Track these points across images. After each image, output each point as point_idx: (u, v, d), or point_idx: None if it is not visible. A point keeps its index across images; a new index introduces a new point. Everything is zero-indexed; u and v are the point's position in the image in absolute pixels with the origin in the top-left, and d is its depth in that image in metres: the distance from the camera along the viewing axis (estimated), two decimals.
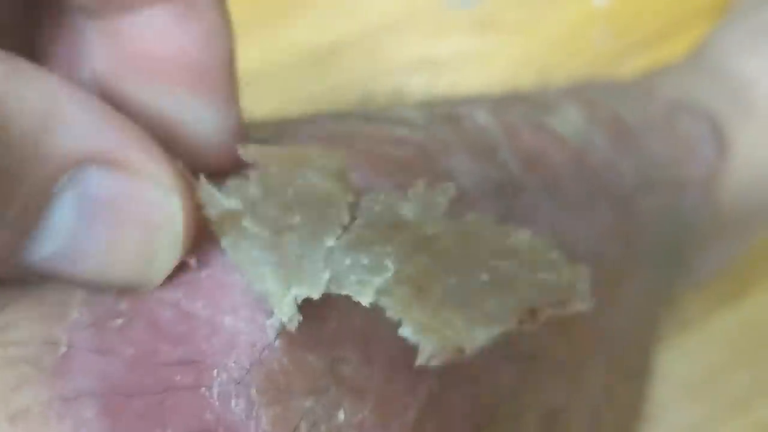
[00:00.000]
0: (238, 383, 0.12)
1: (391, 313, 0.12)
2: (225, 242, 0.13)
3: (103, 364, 0.12)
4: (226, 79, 0.14)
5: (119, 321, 0.12)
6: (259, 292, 0.13)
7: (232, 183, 0.13)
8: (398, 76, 0.40)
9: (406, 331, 0.12)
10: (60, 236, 0.12)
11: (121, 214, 0.12)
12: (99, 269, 0.12)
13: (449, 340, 0.12)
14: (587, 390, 0.23)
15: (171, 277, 0.13)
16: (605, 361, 0.24)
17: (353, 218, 0.13)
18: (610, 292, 0.24)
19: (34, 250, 0.12)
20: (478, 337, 0.12)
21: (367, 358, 0.14)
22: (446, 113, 0.23)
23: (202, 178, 0.13)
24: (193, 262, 0.13)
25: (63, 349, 0.12)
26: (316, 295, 0.13)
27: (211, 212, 0.13)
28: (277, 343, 0.13)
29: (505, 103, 0.25)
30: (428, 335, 0.12)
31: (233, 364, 0.13)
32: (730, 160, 0.33)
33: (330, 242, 0.13)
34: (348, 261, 0.13)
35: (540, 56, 0.41)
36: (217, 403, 0.12)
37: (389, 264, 0.12)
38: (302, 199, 0.13)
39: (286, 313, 0.13)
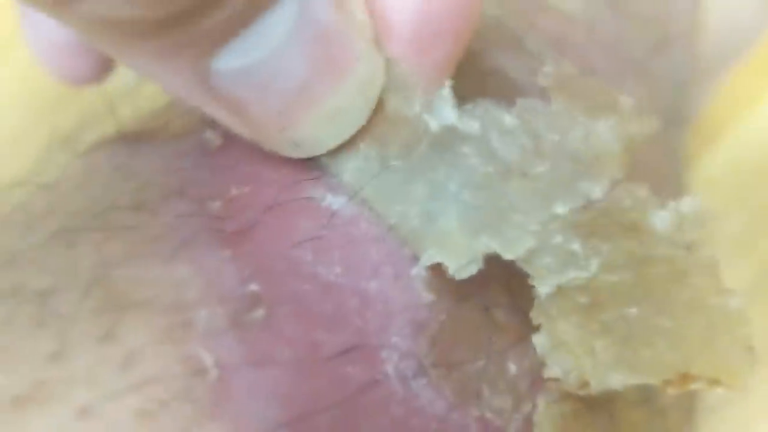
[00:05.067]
0: (410, 358, 0.11)
1: (538, 317, 0.11)
2: (403, 164, 0.11)
3: (266, 379, 0.10)
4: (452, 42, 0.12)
5: (260, 312, 0.10)
6: (413, 232, 0.11)
7: (481, 103, 0.11)
8: None
9: (539, 339, 0.11)
10: (265, 47, 0.10)
11: (331, 48, 0.11)
12: (281, 105, 0.11)
13: (578, 369, 0.11)
14: None
15: (285, 227, 0.11)
16: None
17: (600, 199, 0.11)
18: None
19: (227, 57, 0.10)
20: (612, 381, 0.11)
21: (514, 300, 0.12)
22: None
23: (448, 81, 0.11)
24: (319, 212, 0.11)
25: (213, 372, 0.10)
26: (508, 256, 0.11)
27: (432, 122, 0.11)
28: (429, 297, 0.11)
29: None
30: (558, 355, 0.11)
31: (396, 338, 0.11)
32: (703, 7, 0.32)
33: (560, 210, 0.11)
34: (559, 239, 0.11)
35: None
36: (400, 390, 0.10)
37: (594, 266, 0.11)
38: (565, 149, 0.11)
39: (461, 258, 0.11)
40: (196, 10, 0.09)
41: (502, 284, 0.12)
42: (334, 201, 0.12)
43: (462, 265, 0.11)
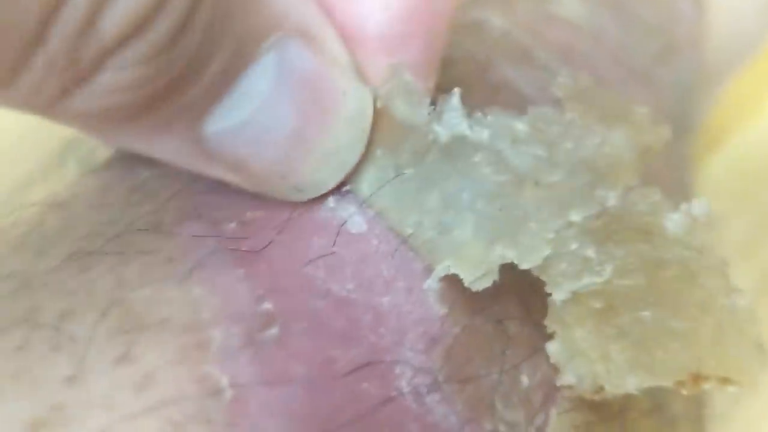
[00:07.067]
0: (424, 373, 0.11)
1: (552, 324, 0.11)
2: (411, 173, 0.11)
3: (281, 398, 0.10)
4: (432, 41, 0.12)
5: (274, 330, 0.10)
6: (429, 243, 0.11)
7: (492, 111, 0.11)
8: None
9: (553, 348, 0.11)
10: (251, 103, 0.11)
11: (315, 92, 0.11)
12: (277, 156, 0.11)
13: (592, 375, 0.11)
14: None
15: (297, 246, 0.11)
16: None
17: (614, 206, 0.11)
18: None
19: (217, 120, 0.10)
20: (627, 385, 0.11)
21: (527, 312, 0.12)
22: (461, 23, 0.21)
23: (457, 91, 0.11)
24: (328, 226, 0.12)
25: (228, 393, 0.10)
26: (524, 266, 0.11)
27: (441, 132, 0.11)
28: (442, 310, 0.11)
29: None
30: (573, 361, 0.11)
31: (410, 353, 0.11)
32: (706, 15, 0.32)
33: (576, 217, 0.11)
34: (574, 245, 0.11)
35: None
36: (414, 406, 0.10)
37: (608, 271, 0.11)
38: (579, 158, 0.11)
39: (477, 270, 0.11)
40: (177, 84, 0.09)
41: (516, 296, 0.12)
42: (345, 218, 0.12)
43: (477, 277, 0.11)
